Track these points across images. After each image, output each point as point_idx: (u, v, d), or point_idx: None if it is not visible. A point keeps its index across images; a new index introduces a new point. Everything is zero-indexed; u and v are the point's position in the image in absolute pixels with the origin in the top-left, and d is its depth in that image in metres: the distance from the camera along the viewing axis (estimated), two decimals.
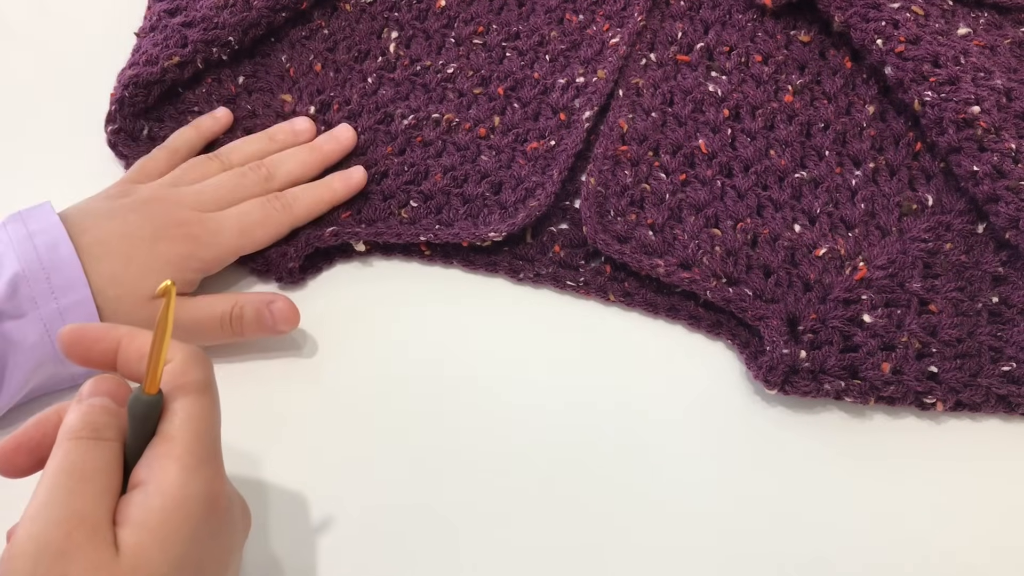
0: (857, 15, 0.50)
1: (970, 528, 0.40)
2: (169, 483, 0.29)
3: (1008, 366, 0.42)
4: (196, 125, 0.49)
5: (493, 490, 0.40)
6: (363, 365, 0.44)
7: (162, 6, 0.53)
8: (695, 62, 0.52)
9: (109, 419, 0.31)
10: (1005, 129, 0.45)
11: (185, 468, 0.30)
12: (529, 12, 0.56)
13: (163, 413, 0.31)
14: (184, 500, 0.29)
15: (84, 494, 0.28)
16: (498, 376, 0.44)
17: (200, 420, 0.31)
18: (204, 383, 0.32)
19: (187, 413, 0.31)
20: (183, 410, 0.31)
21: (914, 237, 0.45)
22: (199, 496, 0.30)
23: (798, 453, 0.42)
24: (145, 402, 0.30)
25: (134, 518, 0.29)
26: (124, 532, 0.28)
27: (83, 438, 0.30)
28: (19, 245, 0.39)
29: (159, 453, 0.30)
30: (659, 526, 0.40)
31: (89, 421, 0.30)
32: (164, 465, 0.30)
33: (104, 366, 0.33)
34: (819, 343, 0.42)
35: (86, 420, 0.30)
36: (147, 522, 0.28)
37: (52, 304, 0.39)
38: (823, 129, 0.49)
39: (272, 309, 0.43)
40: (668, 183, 0.48)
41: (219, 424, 0.32)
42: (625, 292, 0.46)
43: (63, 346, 0.33)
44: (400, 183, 0.49)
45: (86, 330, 0.33)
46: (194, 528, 0.29)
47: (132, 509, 0.29)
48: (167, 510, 0.29)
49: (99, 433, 0.30)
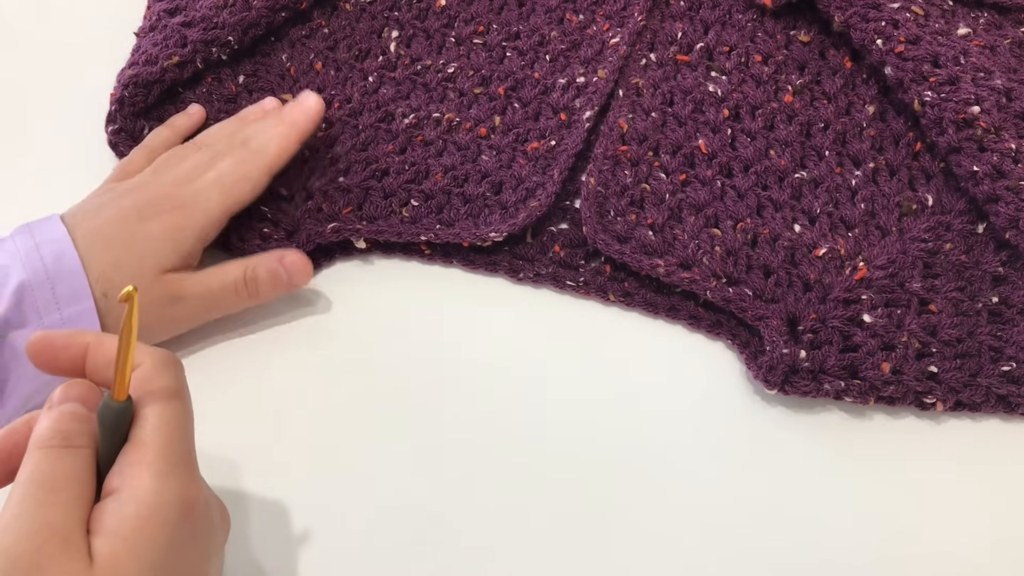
0: (857, 15, 0.50)
1: (970, 528, 0.40)
2: (142, 490, 0.29)
3: (1008, 366, 0.42)
4: (170, 124, 0.49)
5: (491, 490, 0.40)
6: (362, 364, 0.44)
7: (162, 6, 0.53)
8: (695, 62, 0.52)
9: (79, 426, 0.30)
10: (1005, 129, 0.45)
11: (158, 474, 0.29)
12: (529, 12, 0.56)
13: (134, 419, 0.31)
14: (158, 507, 0.29)
15: (55, 504, 0.28)
16: (497, 376, 0.44)
17: (172, 425, 0.31)
18: (175, 388, 0.32)
19: (158, 419, 0.30)
20: (154, 415, 0.30)
21: (914, 237, 0.45)
22: (173, 502, 0.29)
23: (798, 453, 0.42)
24: (115, 409, 0.30)
25: (108, 527, 0.28)
26: (98, 541, 0.28)
27: (53, 447, 0.29)
28: (26, 256, 0.39)
29: (131, 460, 0.30)
30: (659, 525, 0.40)
31: (59, 429, 0.30)
32: (136, 472, 0.29)
33: (73, 373, 0.33)
34: (819, 343, 0.42)
35: (56, 428, 0.30)
36: (121, 530, 0.28)
37: (55, 314, 0.39)
38: (823, 129, 0.49)
39: (285, 264, 0.43)
40: (668, 183, 0.48)
41: (191, 428, 0.32)
42: (625, 292, 0.46)
43: (31, 354, 0.32)
44: (401, 182, 0.49)
45: (52, 337, 0.33)
46: (169, 534, 0.29)
47: (106, 518, 0.28)
48: (141, 517, 0.28)
49: (69, 441, 0.30)
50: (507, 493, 0.40)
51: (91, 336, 0.33)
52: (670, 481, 0.41)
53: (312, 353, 0.44)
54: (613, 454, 0.41)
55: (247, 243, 0.46)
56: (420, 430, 0.42)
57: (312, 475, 0.41)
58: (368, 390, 0.43)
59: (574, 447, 0.42)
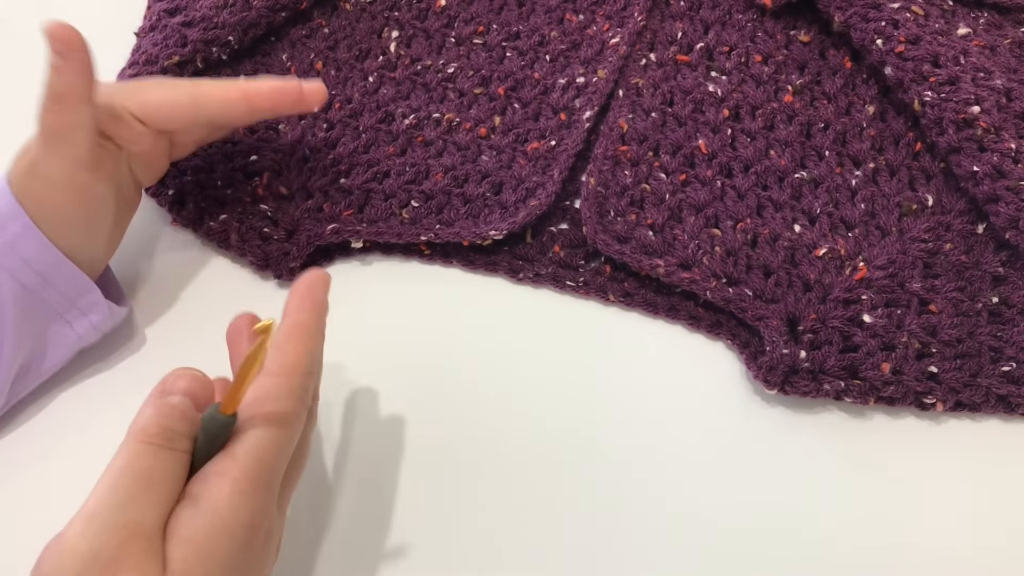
0: (857, 15, 0.50)
1: (970, 528, 0.40)
2: (221, 502, 0.29)
3: (1008, 366, 0.42)
4: None
5: (490, 490, 0.40)
6: (361, 364, 0.44)
7: (162, 6, 0.53)
8: (695, 62, 0.52)
9: (184, 427, 0.30)
10: (1005, 129, 0.45)
11: (239, 491, 0.29)
12: (529, 12, 0.56)
13: (235, 433, 0.31)
14: (230, 522, 0.29)
15: (147, 504, 0.28)
16: (497, 376, 0.44)
17: (266, 449, 0.30)
18: (285, 416, 0.31)
19: (256, 439, 0.30)
20: (254, 436, 0.30)
21: (914, 237, 0.45)
22: (245, 522, 0.29)
23: (798, 453, 0.42)
24: (220, 422, 0.30)
25: (182, 533, 0.28)
26: (171, 546, 0.28)
27: (156, 444, 0.29)
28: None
29: (218, 470, 0.30)
30: (659, 525, 0.40)
31: (166, 427, 0.29)
32: (219, 483, 0.29)
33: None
34: (819, 343, 0.42)
35: (163, 425, 0.29)
36: (194, 539, 0.28)
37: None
38: (823, 129, 0.49)
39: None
40: (668, 183, 0.48)
41: (285, 458, 0.32)
42: (625, 292, 0.46)
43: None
44: (401, 183, 0.49)
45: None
46: (234, 553, 0.29)
47: (181, 524, 0.28)
48: (215, 528, 0.28)
49: (172, 442, 0.29)
50: (506, 493, 0.40)
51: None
52: (670, 481, 0.41)
53: None
54: (613, 454, 0.41)
55: (247, 243, 0.46)
56: (420, 430, 0.42)
57: (312, 475, 0.41)
58: (368, 390, 0.43)
59: (574, 447, 0.42)
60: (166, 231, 0.49)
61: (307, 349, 0.33)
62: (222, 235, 0.47)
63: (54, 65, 0.36)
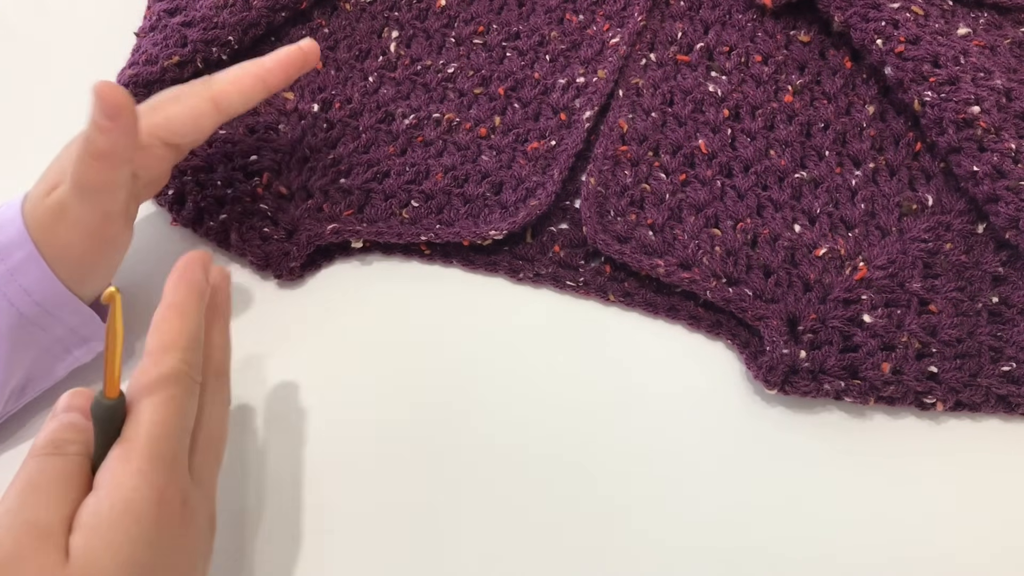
0: (857, 15, 0.50)
1: (970, 528, 0.40)
2: (120, 486, 0.29)
3: (1008, 366, 0.42)
4: None
5: (490, 490, 0.40)
6: (361, 364, 0.44)
7: (162, 6, 0.53)
8: (695, 62, 0.52)
9: (72, 434, 0.31)
10: (1005, 129, 0.45)
11: (137, 471, 0.30)
12: (529, 12, 0.56)
13: (128, 414, 0.31)
14: (132, 502, 0.29)
15: (36, 504, 0.29)
16: (497, 376, 0.44)
17: (157, 425, 0.31)
18: (169, 377, 0.32)
19: (146, 418, 0.31)
20: (142, 415, 0.31)
21: (914, 237, 0.45)
22: (149, 497, 0.30)
23: (798, 453, 0.42)
24: (105, 406, 0.30)
25: (85, 522, 0.29)
26: (75, 537, 0.29)
27: (44, 454, 0.30)
28: None
29: (115, 455, 0.30)
30: (658, 525, 0.40)
31: (52, 439, 0.31)
32: (116, 467, 0.30)
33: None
34: (819, 343, 0.42)
35: (49, 438, 0.31)
36: (97, 525, 0.29)
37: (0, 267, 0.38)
38: (823, 129, 0.49)
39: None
40: (668, 183, 0.48)
41: (182, 434, 0.32)
42: (625, 292, 0.46)
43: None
44: (401, 183, 0.49)
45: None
46: (145, 531, 0.29)
47: (84, 513, 0.29)
48: (116, 511, 0.29)
49: (59, 448, 0.30)
50: (506, 493, 0.40)
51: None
52: (670, 481, 0.41)
53: (311, 353, 0.44)
54: (613, 454, 0.41)
55: (247, 243, 0.46)
56: (420, 430, 0.42)
57: (311, 475, 0.41)
58: (367, 390, 0.43)
59: (574, 447, 0.42)
60: (166, 231, 0.49)
61: (181, 327, 0.34)
62: (222, 235, 0.47)
63: (100, 125, 0.35)
